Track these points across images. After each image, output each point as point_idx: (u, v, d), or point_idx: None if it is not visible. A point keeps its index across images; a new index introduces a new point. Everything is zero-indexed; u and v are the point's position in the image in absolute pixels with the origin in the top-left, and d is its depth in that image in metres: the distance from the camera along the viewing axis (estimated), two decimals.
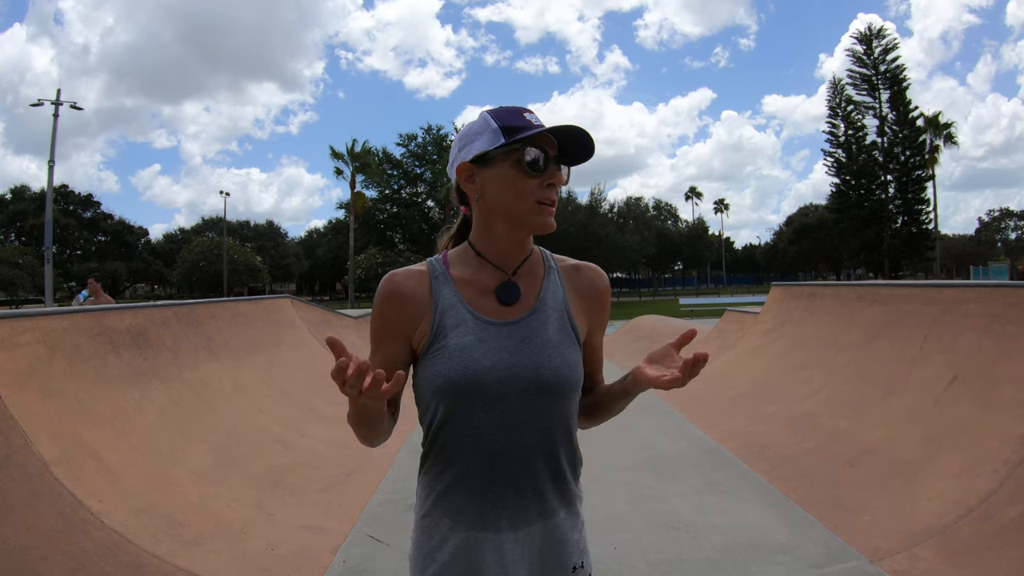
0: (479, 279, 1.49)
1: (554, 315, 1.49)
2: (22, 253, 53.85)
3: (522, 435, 1.42)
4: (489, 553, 1.42)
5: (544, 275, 1.54)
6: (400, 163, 67.42)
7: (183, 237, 76.11)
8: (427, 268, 1.52)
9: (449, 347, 1.42)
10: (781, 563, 3.93)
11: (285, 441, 6.38)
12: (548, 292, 1.51)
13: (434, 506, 1.46)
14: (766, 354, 9.93)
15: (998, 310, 5.40)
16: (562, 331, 1.47)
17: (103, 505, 3.93)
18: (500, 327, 1.45)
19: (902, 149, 56.99)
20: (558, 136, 1.43)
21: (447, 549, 1.44)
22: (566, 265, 1.59)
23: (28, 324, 4.89)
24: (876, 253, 57.96)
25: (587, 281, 1.58)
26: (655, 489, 5.36)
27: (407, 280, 1.48)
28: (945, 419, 5.06)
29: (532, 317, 1.47)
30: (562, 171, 1.46)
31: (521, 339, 1.43)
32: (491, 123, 1.44)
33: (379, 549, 4.30)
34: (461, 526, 1.43)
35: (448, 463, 1.45)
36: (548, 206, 1.43)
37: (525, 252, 1.52)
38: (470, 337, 1.42)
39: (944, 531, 3.86)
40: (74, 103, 31.55)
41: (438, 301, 1.46)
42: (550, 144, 1.43)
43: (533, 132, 1.40)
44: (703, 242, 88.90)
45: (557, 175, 1.43)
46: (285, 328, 10.43)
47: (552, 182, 1.42)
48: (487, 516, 1.42)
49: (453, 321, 1.44)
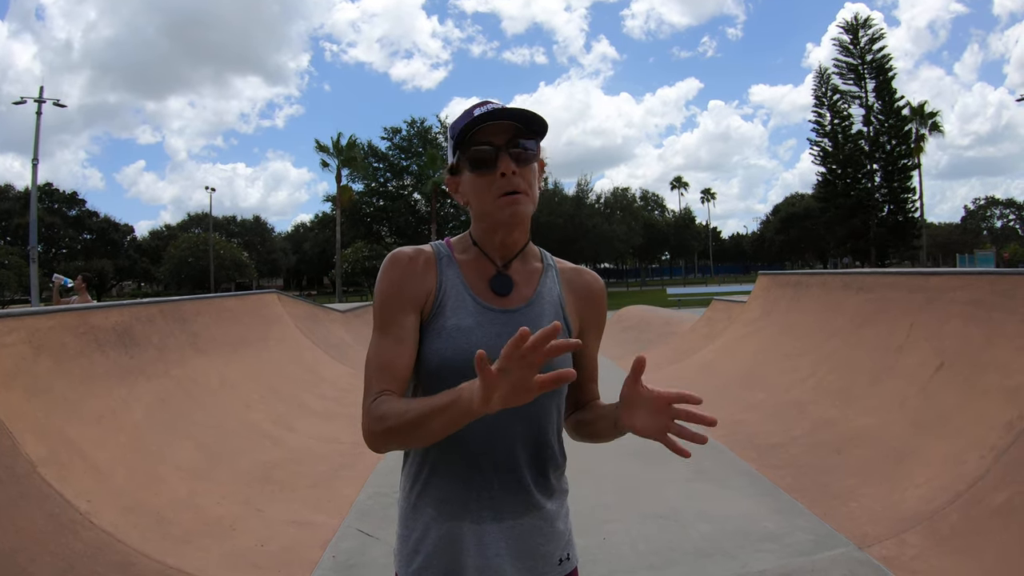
0: (479, 267, 1.50)
1: (550, 309, 1.49)
2: (7, 253, 53.30)
3: (508, 425, 1.41)
4: (472, 544, 1.41)
5: (542, 271, 1.55)
6: (386, 156, 67.25)
7: (169, 234, 75.51)
8: (432, 249, 1.52)
9: (448, 327, 1.42)
10: (769, 551, 3.95)
11: (274, 437, 6.37)
12: (545, 287, 1.52)
13: (419, 497, 1.45)
14: (753, 343, 9.96)
15: (984, 297, 5.43)
16: None
17: (92, 505, 3.91)
18: (499, 313, 1.45)
19: (888, 138, 57.22)
20: (503, 116, 1.40)
21: (430, 540, 1.42)
22: (564, 267, 1.60)
23: (13, 324, 4.86)
24: (863, 242, 58.20)
25: (584, 284, 1.59)
26: (643, 478, 5.38)
27: (416, 253, 1.49)
28: (932, 406, 5.09)
29: (529, 308, 1.48)
30: (513, 155, 1.41)
31: (518, 327, 1.41)
32: (450, 133, 1.47)
33: (369, 543, 4.30)
34: (444, 516, 1.42)
35: (432, 451, 1.43)
36: (511, 195, 1.41)
37: (516, 246, 1.52)
38: (470, 320, 1.43)
39: (932, 517, 3.89)
40: (57, 100, 31.39)
41: (442, 281, 1.47)
42: (500, 131, 1.41)
43: (472, 130, 1.40)
44: (690, 232, 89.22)
45: (505, 164, 1.39)
46: (272, 324, 10.39)
47: (503, 171, 1.39)
48: (471, 506, 1.42)
49: (455, 302, 1.45)
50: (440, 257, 1.50)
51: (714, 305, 14.06)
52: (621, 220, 68.09)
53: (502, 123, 1.41)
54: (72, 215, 67.86)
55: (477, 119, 1.39)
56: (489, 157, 1.40)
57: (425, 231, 63.96)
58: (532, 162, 1.45)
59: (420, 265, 1.47)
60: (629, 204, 73.97)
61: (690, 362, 10.92)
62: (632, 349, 14.66)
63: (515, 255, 1.52)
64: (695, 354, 11.38)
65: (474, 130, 1.40)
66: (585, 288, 1.58)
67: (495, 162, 1.40)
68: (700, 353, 11.24)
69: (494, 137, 1.41)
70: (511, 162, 1.41)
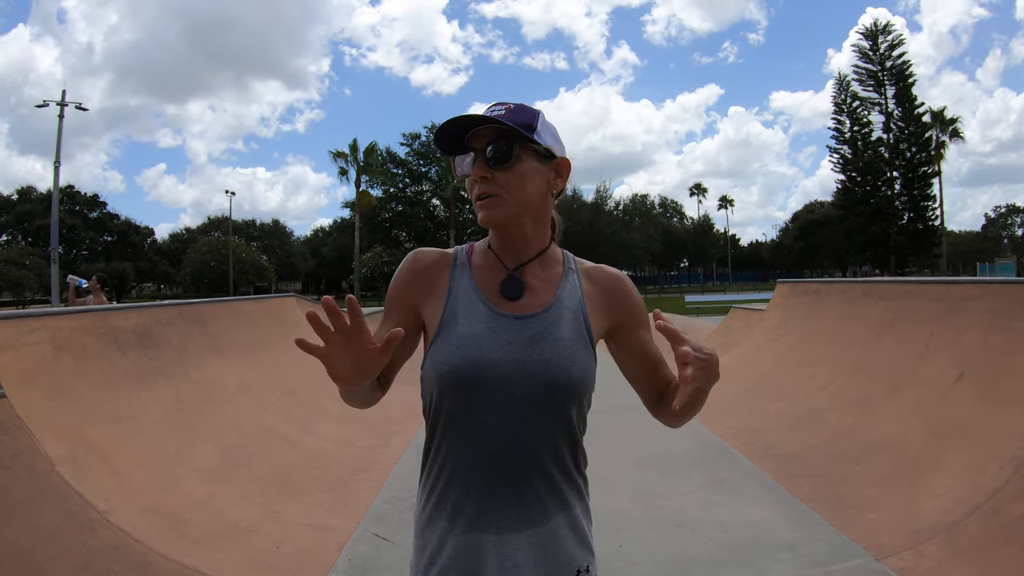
0: (492, 271, 1.49)
1: (569, 315, 1.45)
2: (28, 254, 53.90)
3: (525, 434, 1.38)
4: (490, 556, 1.38)
5: (563, 275, 1.52)
6: (405, 162, 67.51)
7: (189, 237, 76.14)
8: (453, 253, 1.54)
9: (458, 334, 1.40)
10: (786, 561, 3.93)
11: (291, 440, 6.39)
12: (565, 292, 1.48)
13: (434, 508, 1.43)
14: (772, 351, 9.91)
15: (1004, 306, 5.38)
16: (576, 332, 1.44)
17: (109, 504, 3.94)
18: (512, 320, 1.42)
19: (908, 145, 56.85)
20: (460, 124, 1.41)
21: (447, 552, 1.39)
22: (585, 267, 1.57)
23: (34, 324, 4.91)
24: (882, 250, 57.88)
25: (606, 281, 1.54)
26: (660, 487, 5.36)
27: (428, 256, 1.52)
28: (951, 416, 5.04)
29: (546, 314, 1.44)
30: (488, 158, 1.40)
31: (533, 334, 1.40)
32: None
33: (384, 547, 4.30)
34: (460, 527, 1.39)
35: (448, 461, 1.41)
36: (483, 199, 1.41)
37: (527, 249, 1.49)
38: (481, 327, 1.40)
39: (950, 528, 3.85)
40: (79, 104, 31.68)
41: (452, 287, 1.46)
42: (483, 135, 1.41)
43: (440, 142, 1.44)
44: (709, 239, 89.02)
45: (478, 170, 1.40)
46: (290, 327, 10.43)
47: (474, 178, 1.41)
48: (488, 516, 1.38)
49: (466, 309, 1.43)
50: (456, 263, 1.50)
51: (733, 313, 14.02)
52: (640, 227, 67.99)
53: (485, 127, 1.40)
54: (93, 217, 68.55)
55: (438, 131, 1.42)
56: (461, 165, 1.44)
57: (444, 236, 64.12)
58: (508, 163, 1.40)
59: (432, 269, 1.49)
60: (648, 211, 73.86)
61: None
62: None
63: (530, 259, 1.49)
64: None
65: (461, 137, 1.42)
66: (608, 285, 1.54)
67: (472, 167, 1.42)
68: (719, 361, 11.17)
69: (476, 142, 1.41)
70: (484, 166, 1.40)
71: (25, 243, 61.36)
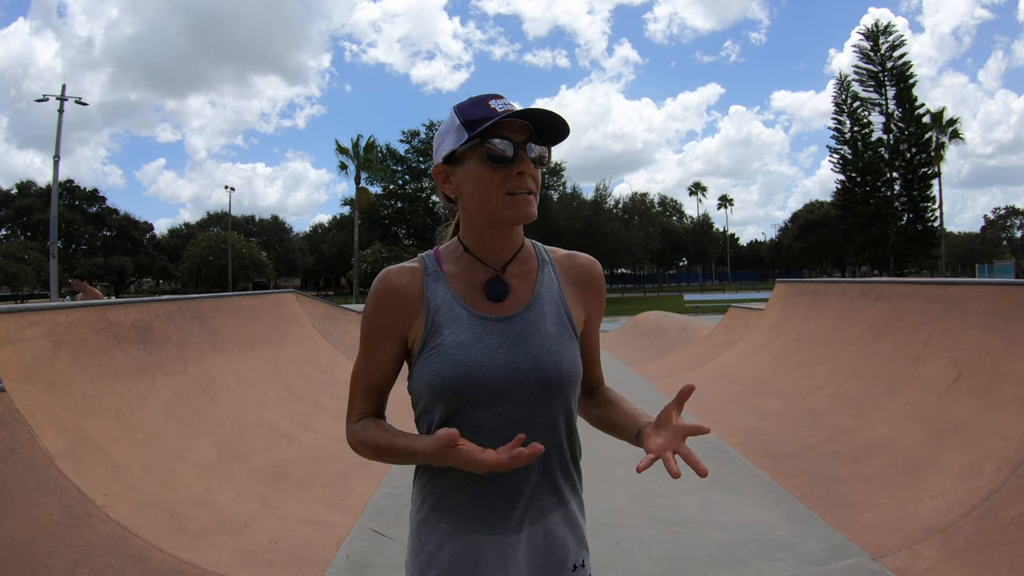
0: (470, 275, 1.45)
1: (551, 308, 1.44)
2: (27, 248, 53.93)
3: (523, 433, 1.34)
4: (490, 556, 1.38)
5: (538, 268, 1.50)
6: (404, 159, 67.39)
7: (188, 232, 76.15)
8: (420, 265, 1.48)
9: (445, 345, 1.37)
10: (783, 560, 3.93)
11: (289, 435, 6.40)
12: (543, 286, 1.47)
13: (431, 511, 1.42)
14: (770, 351, 9.92)
15: (1003, 308, 5.39)
16: (560, 325, 1.44)
17: (108, 498, 3.95)
18: (496, 322, 1.40)
19: (908, 146, 56.78)
20: (532, 118, 1.36)
21: (445, 555, 1.39)
22: (559, 256, 1.55)
23: (34, 318, 4.91)
24: (881, 250, 57.82)
25: (582, 269, 1.54)
26: (657, 485, 5.36)
27: (400, 277, 1.45)
28: (949, 417, 5.06)
29: (528, 311, 1.42)
30: (533, 155, 1.38)
31: (519, 334, 1.39)
32: (455, 119, 1.39)
33: (382, 543, 4.31)
34: (460, 530, 1.39)
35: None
36: (523, 195, 1.37)
37: (512, 247, 1.48)
38: (466, 334, 1.38)
39: (946, 529, 3.86)
40: (79, 98, 31.48)
41: (430, 299, 1.42)
42: (518, 129, 1.36)
43: (492, 121, 1.33)
44: (708, 238, 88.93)
45: (525, 163, 1.35)
46: (289, 323, 10.44)
47: (521, 170, 1.35)
48: (488, 517, 1.38)
49: (448, 318, 1.40)
50: (427, 273, 1.46)
51: (731, 312, 14.00)
52: (639, 225, 67.92)
53: (521, 122, 1.36)
54: (92, 212, 68.57)
55: (515, 113, 1.34)
56: (509, 153, 1.35)
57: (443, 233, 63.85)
58: (544, 165, 1.42)
59: (407, 288, 1.43)
60: (647, 209, 73.76)
61: (706, 369, 10.87)
62: (648, 355, 14.63)
63: (512, 257, 1.48)
64: (711, 361, 11.33)
65: (490, 123, 1.34)
66: (583, 274, 1.54)
67: (514, 159, 1.35)
68: (717, 360, 11.19)
69: (512, 134, 1.35)
70: (535, 160, 1.38)
71: (24, 237, 61.35)
